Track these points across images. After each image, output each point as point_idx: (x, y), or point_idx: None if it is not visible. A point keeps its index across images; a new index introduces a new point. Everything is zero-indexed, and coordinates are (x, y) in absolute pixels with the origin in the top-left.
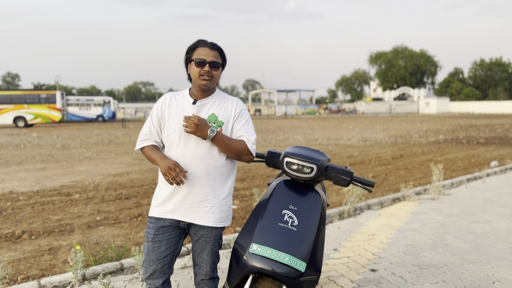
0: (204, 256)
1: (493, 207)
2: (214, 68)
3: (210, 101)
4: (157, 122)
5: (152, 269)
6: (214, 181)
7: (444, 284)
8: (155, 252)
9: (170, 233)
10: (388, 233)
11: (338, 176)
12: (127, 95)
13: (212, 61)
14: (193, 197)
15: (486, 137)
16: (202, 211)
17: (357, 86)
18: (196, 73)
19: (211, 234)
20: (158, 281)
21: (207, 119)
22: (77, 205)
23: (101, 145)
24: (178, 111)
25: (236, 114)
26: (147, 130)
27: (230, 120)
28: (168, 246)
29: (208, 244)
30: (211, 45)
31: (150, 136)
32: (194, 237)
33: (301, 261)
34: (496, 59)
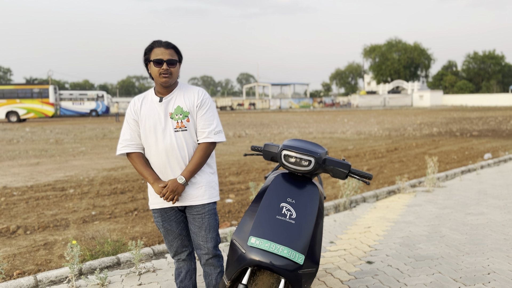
0: (203, 233)
1: (487, 199)
2: (172, 65)
3: (174, 95)
4: (134, 125)
5: (174, 247)
6: None
7: (440, 275)
8: (170, 234)
9: (175, 215)
10: (384, 225)
11: (335, 169)
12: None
13: (168, 59)
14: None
15: (480, 130)
16: (193, 193)
17: (351, 80)
18: (156, 72)
19: (205, 210)
20: (184, 254)
21: (174, 111)
22: (72, 200)
23: (95, 139)
24: (148, 112)
25: (198, 103)
26: (127, 135)
27: (194, 109)
28: (178, 224)
29: (204, 219)
30: (165, 45)
31: (132, 141)
32: (190, 218)
33: (300, 254)
34: (489, 52)
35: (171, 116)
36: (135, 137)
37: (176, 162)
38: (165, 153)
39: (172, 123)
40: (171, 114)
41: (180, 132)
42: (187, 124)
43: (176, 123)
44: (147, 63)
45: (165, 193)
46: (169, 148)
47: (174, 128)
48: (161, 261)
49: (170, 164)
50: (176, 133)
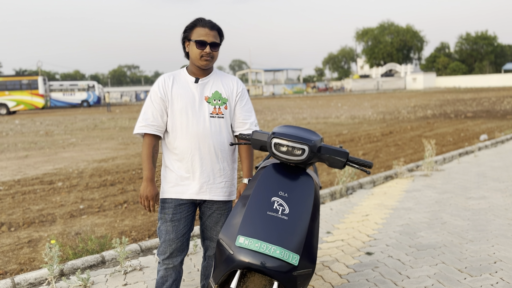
0: (218, 228)
1: (487, 182)
2: (215, 48)
3: (211, 79)
4: (159, 104)
5: (172, 248)
6: (225, 157)
7: (444, 265)
8: (175, 231)
9: (187, 210)
10: (382, 213)
11: (332, 158)
12: (112, 79)
13: (212, 42)
14: (208, 174)
15: (474, 111)
16: (218, 187)
17: (344, 64)
18: (197, 54)
19: (225, 207)
20: (177, 259)
21: (212, 96)
22: (60, 194)
23: (86, 130)
24: (181, 91)
25: (239, 93)
26: (149, 114)
27: (233, 97)
28: (186, 224)
29: (222, 217)
30: (210, 26)
31: (154, 121)
32: (207, 212)
33: (294, 254)
34: (482, 32)
35: (208, 100)
36: (158, 118)
37: (207, 149)
38: (197, 138)
39: (208, 107)
40: (208, 98)
41: (216, 118)
42: (224, 112)
43: (214, 108)
44: (185, 41)
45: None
46: (202, 134)
47: (210, 113)
48: (148, 257)
49: (200, 150)
50: (211, 119)
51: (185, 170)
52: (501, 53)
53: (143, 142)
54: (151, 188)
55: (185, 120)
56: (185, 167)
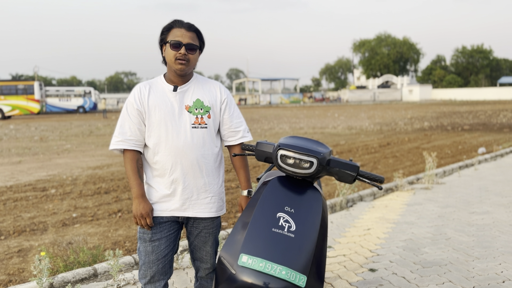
0: (208, 248)
1: (489, 196)
2: (191, 51)
3: (191, 86)
4: (136, 117)
5: (152, 271)
6: (210, 170)
7: (451, 284)
8: (155, 252)
9: (168, 229)
10: (384, 227)
11: (342, 171)
12: (108, 86)
13: (188, 43)
14: (192, 190)
15: (470, 124)
16: (202, 202)
17: (341, 74)
18: (172, 56)
19: (213, 224)
20: (160, 284)
21: (193, 105)
22: (53, 201)
23: (81, 136)
24: (158, 101)
25: (224, 100)
26: (126, 128)
27: (217, 105)
28: (168, 244)
29: (210, 236)
30: (187, 26)
31: (131, 136)
32: (194, 231)
33: (301, 275)
34: (478, 46)
35: (189, 109)
36: (135, 131)
37: (189, 163)
38: (178, 152)
39: (189, 117)
40: (189, 107)
41: (199, 129)
42: (207, 121)
43: (195, 118)
44: (162, 45)
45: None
46: (183, 146)
47: (191, 124)
48: None
49: (182, 164)
50: (193, 130)
51: (166, 186)
52: (497, 66)
53: (124, 158)
54: (144, 204)
55: (164, 132)
56: (166, 183)
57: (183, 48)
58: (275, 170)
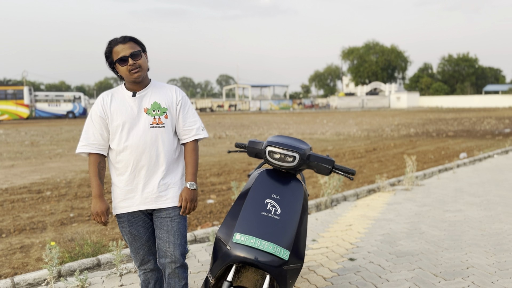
0: (171, 238)
1: (464, 197)
2: (137, 58)
3: (149, 91)
4: (99, 123)
5: (140, 255)
6: (169, 164)
7: (420, 270)
8: (138, 241)
9: (142, 219)
10: (365, 223)
11: (320, 165)
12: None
13: (131, 53)
14: (153, 185)
15: (455, 130)
16: (164, 195)
17: (330, 81)
18: (125, 71)
19: (174, 213)
20: (151, 263)
21: (151, 107)
22: (49, 202)
23: (72, 141)
24: (120, 107)
25: (179, 101)
26: (90, 134)
27: (173, 106)
28: (145, 230)
29: (173, 223)
30: (122, 40)
31: (94, 140)
32: (157, 222)
33: (285, 250)
34: (464, 54)
35: (147, 112)
36: (98, 137)
37: (148, 159)
38: (138, 150)
39: (147, 119)
40: (147, 109)
41: (157, 128)
42: (165, 121)
43: (153, 119)
44: (113, 66)
45: (185, 206)
46: (143, 145)
47: (150, 124)
48: None
49: (142, 162)
50: (152, 129)
51: (128, 183)
52: (482, 75)
53: (88, 161)
54: (100, 204)
55: (125, 134)
56: (129, 180)
57: (130, 59)
58: (265, 167)
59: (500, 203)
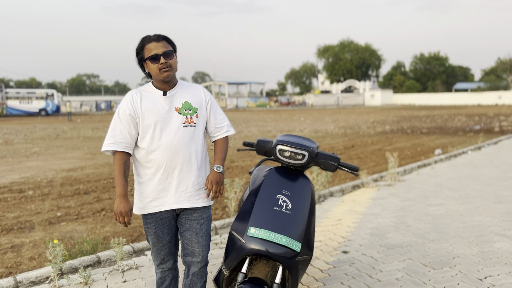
0: (200, 239)
1: (443, 191)
2: (168, 57)
3: (178, 90)
4: (128, 121)
5: (161, 255)
6: (199, 163)
7: (410, 261)
8: (161, 241)
9: (168, 222)
10: (353, 217)
11: (327, 162)
12: (70, 88)
13: (164, 52)
14: (186, 183)
15: (428, 127)
16: (196, 194)
17: (305, 79)
18: (156, 69)
19: (204, 215)
20: (170, 263)
21: (182, 106)
22: (33, 202)
23: (48, 140)
24: (151, 105)
25: (208, 101)
26: (117, 131)
27: (203, 106)
28: (170, 231)
29: (202, 226)
30: (156, 38)
31: (122, 138)
32: (186, 223)
33: (297, 242)
34: (434, 53)
35: (179, 111)
36: (126, 135)
37: (182, 159)
38: (171, 149)
39: (179, 118)
40: (179, 109)
41: (189, 127)
42: (196, 120)
43: (185, 118)
44: (142, 63)
45: (211, 189)
46: (176, 144)
47: (182, 123)
48: (142, 258)
49: (176, 161)
50: (184, 129)
51: (161, 182)
52: (452, 73)
53: (114, 159)
54: (124, 204)
55: (158, 133)
56: (161, 180)
57: (162, 58)
58: (264, 165)
59: (478, 197)
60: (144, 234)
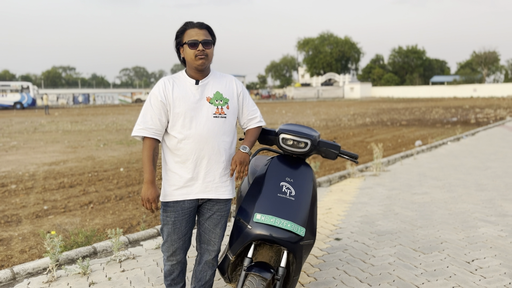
0: (218, 230)
1: (427, 180)
2: (207, 46)
3: (210, 80)
4: (159, 108)
5: (174, 247)
6: (228, 156)
7: (401, 247)
8: (177, 233)
9: (189, 213)
10: (343, 206)
11: (328, 150)
12: (46, 81)
13: (204, 40)
14: (214, 174)
15: (407, 119)
16: (223, 185)
17: (286, 72)
18: (192, 55)
19: (226, 208)
20: (181, 256)
21: (214, 97)
22: (18, 196)
23: (25, 133)
24: (182, 93)
25: (240, 92)
26: (148, 117)
27: (234, 97)
28: (188, 224)
29: (222, 218)
30: (199, 25)
31: (152, 125)
32: (207, 213)
33: (301, 227)
34: (412, 46)
35: (210, 101)
36: (156, 121)
37: (211, 149)
38: (201, 139)
39: (210, 108)
40: (210, 99)
41: (220, 118)
42: (226, 111)
43: (216, 108)
44: (179, 47)
45: (234, 168)
46: (206, 134)
47: (213, 114)
48: (137, 248)
49: (205, 151)
50: (214, 119)
51: (189, 171)
52: (429, 66)
53: (143, 145)
54: (152, 190)
55: (188, 122)
56: (189, 169)
57: (200, 45)
58: (260, 155)
59: (460, 185)
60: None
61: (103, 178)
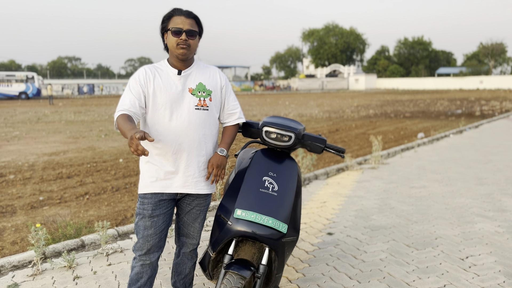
0: (197, 225)
1: (426, 174)
2: (191, 37)
3: (193, 70)
4: (138, 91)
5: (149, 244)
6: (209, 149)
7: (394, 242)
8: (153, 227)
9: (166, 206)
10: (338, 200)
11: (313, 144)
12: (51, 71)
13: (188, 29)
14: (194, 168)
15: (411, 111)
16: (202, 180)
17: (290, 63)
18: (174, 43)
19: (205, 202)
20: (154, 256)
21: (196, 88)
22: (15, 186)
23: (28, 123)
24: (164, 83)
25: (223, 86)
26: (127, 101)
27: (218, 89)
28: (165, 219)
29: (201, 213)
30: (186, 13)
31: (130, 106)
32: (186, 208)
33: (283, 223)
34: (418, 38)
35: (192, 92)
36: (135, 104)
37: (191, 142)
38: (181, 131)
39: (192, 99)
40: (192, 90)
41: (202, 110)
42: (209, 103)
43: (198, 100)
44: (163, 32)
45: (211, 172)
46: (187, 127)
47: (195, 106)
48: (126, 241)
49: (185, 144)
50: (196, 111)
51: (169, 164)
52: (435, 58)
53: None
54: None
55: (169, 113)
56: (169, 162)
57: (184, 34)
58: (250, 147)
59: (460, 179)
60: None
61: (101, 169)
